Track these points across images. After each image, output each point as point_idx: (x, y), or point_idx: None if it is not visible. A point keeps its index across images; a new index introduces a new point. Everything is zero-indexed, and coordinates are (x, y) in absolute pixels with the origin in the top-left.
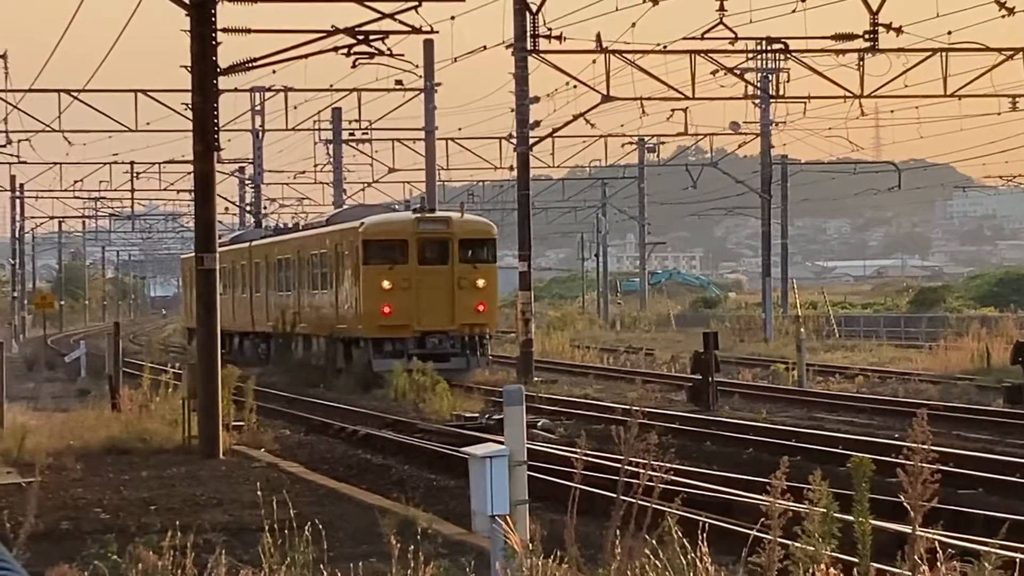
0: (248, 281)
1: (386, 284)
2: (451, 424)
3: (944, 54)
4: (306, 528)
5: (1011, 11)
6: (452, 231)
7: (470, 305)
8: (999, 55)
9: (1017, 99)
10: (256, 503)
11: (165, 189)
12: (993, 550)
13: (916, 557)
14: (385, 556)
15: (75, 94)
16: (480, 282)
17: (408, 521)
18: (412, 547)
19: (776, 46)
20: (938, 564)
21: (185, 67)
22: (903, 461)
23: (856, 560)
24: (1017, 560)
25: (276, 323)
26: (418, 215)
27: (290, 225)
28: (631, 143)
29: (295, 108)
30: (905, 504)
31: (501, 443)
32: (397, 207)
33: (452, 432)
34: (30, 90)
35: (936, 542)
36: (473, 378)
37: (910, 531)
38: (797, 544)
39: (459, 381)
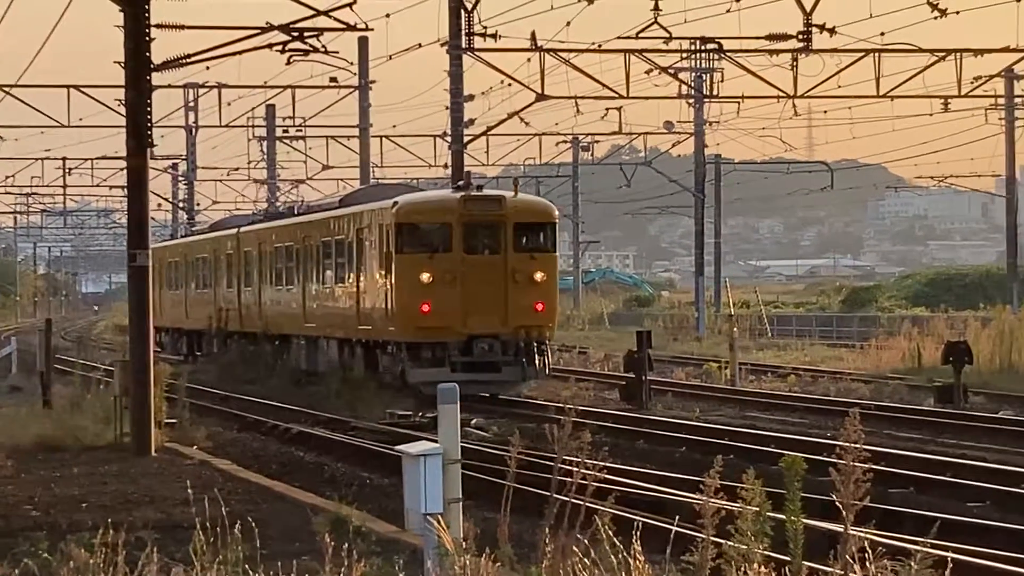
0: (235, 274)
1: (425, 277)
2: (385, 422)
3: (877, 55)
4: (237, 526)
5: (943, 12)
6: (505, 213)
7: (526, 303)
8: (931, 56)
9: (949, 100)
10: (188, 500)
11: (98, 185)
12: (924, 549)
13: (848, 556)
14: (318, 554)
15: (7, 89)
16: (538, 275)
17: (341, 519)
18: (345, 545)
19: (710, 46)
20: (869, 563)
21: (119, 63)
22: (835, 460)
23: (788, 559)
24: (948, 559)
25: (271, 322)
26: (464, 193)
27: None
28: (565, 142)
29: (229, 105)
30: (837, 503)
31: (435, 441)
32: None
33: (386, 430)
34: None
35: (867, 541)
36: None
37: (842, 530)
38: (730, 543)
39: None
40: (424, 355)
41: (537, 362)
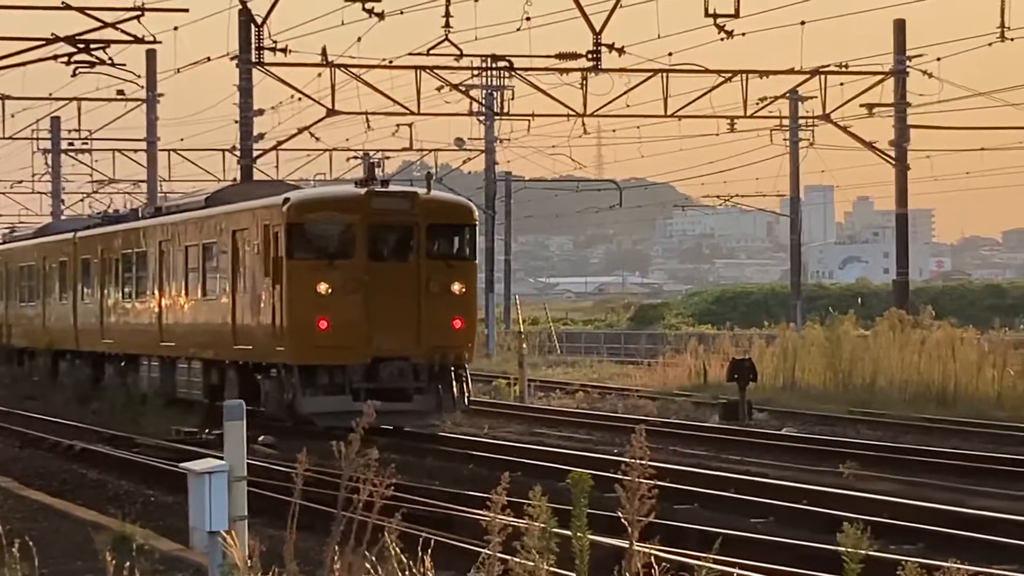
0: (70, 284)
1: (322, 287)
2: (171, 439)
3: (665, 75)
4: (16, 544)
5: (730, 34)
6: (417, 213)
7: (442, 319)
8: (718, 77)
9: (735, 120)
10: None
11: None
12: (707, 564)
13: (633, 572)
14: (100, 573)
15: None
16: (456, 286)
17: (124, 537)
18: (128, 563)
19: (501, 63)
20: None
21: None
22: (621, 476)
23: (574, 575)
24: (732, 574)
25: (118, 340)
26: (368, 189)
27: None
28: (356, 157)
29: (12, 116)
30: (623, 519)
31: (221, 458)
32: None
33: (172, 447)
34: None
35: (652, 557)
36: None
37: (627, 546)
38: (516, 559)
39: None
40: (320, 381)
41: (454, 389)
